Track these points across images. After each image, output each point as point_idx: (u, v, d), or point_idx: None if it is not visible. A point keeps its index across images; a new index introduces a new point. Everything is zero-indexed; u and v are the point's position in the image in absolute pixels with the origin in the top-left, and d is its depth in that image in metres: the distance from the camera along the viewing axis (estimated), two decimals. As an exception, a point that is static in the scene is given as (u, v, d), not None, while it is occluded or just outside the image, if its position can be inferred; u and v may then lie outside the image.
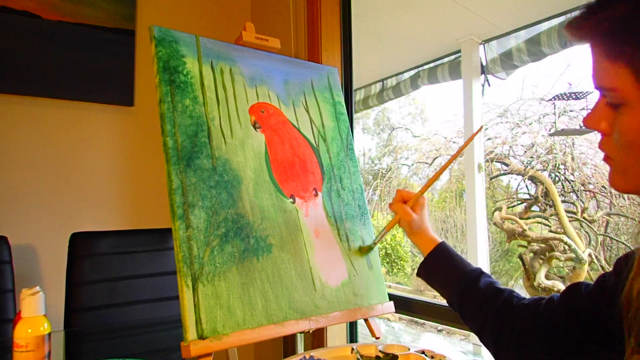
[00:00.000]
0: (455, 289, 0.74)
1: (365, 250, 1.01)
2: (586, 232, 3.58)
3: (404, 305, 1.10)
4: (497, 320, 0.67)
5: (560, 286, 3.60)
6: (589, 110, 0.47)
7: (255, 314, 0.79)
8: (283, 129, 0.99)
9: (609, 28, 0.42)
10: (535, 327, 0.63)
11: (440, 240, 0.81)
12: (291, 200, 0.94)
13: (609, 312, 0.50)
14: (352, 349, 0.83)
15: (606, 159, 0.48)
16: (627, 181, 0.46)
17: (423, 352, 0.81)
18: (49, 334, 0.71)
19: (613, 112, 0.44)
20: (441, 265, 0.78)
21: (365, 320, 0.96)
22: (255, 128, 0.95)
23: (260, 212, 0.88)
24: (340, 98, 1.14)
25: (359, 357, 0.81)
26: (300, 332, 0.87)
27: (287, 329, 0.82)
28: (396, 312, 1.04)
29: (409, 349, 0.82)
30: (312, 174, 1.00)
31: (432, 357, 0.79)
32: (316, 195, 0.99)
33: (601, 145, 0.47)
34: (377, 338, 0.94)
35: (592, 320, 0.56)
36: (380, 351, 0.83)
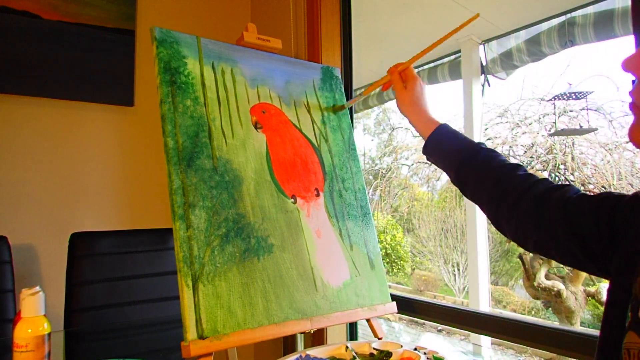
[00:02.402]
0: (455, 167, 0.74)
1: (338, 108, 1.09)
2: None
3: (405, 306, 1.10)
4: (493, 196, 0.67)
5: (560, 286, 3.61)
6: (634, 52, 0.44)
7: (256, 314, 0.79)
8: (284, 129, 0.99)
9: None
10: (534, 212, 0.61)
11: (442, 123, 0.80)
12: (292, 200, 0.94)
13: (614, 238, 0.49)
14: (347, 347, 0.83)
15: (632, 106, 0.45)
16: (636, 136, 0.44)
17: (415, 349, 0.81)
18: (49, 334, 0.71)
19: None
20: (443, 146, 0.77)
21: (368, 320, 0.96)
22: (256, 128, 0.95)
23: (261, 212, 0.88)
24: (343, 98, 1.14)
25: (354, 354, 0.81)
26: (301, 333, 0.87)
27: (288, 329, 0.82)
28: (398, 312, 1.04)
29: (402, 346, 0.82)
30: (313, 174, 1.00)
31: (425, 354, 0.80)
32: (318, 195, 0.99)
33: (632, 92, 0.45)
34: (379, 338, 0.94)
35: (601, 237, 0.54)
36: (374, 348, 0.83)
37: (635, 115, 0.45)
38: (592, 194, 0.58)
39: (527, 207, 0.63)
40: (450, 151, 0.76)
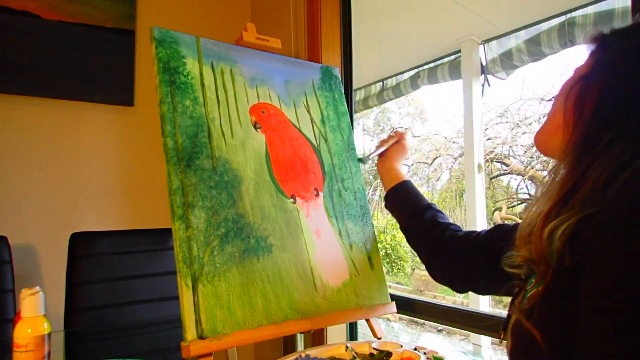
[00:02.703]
0: (404, 219, 0.90)
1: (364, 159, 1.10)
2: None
3: (405, 306, 1.10)
4: (429, 245, 0.82)
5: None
6: None
7: (256, 314, 0.79)
8: (284, 129, 0.99)
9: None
10: (459, 252, 0.76)
11: (405, 179, 0.94)
12: (292, 200, 0.94)
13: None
14: (347, 346, 0.83)
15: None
16: (540, 138, 0.57)
17: (415, 349, 0.81)
18: (49, 334, 0.71)
19: None
20: (399, 199, 0.93)
21: (367, 320, 0.96)
22: (255, 128, 0.95)
23: (260, 212, 0.88)
24: (342, 97, 1.14)
25: (354, 354, 0.81)
26: (301, 333, 0.87)
27: (287, 329, 0.82)
28: (397, 312, 1.04)
29: (402, 346, 0.82)
30: (313, 174, 1.00)
31: (425, 354, 0.80)
32: (317, 195, 0.99)
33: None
34: (378, 338, 0.94)
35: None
36: (374, 348, 0.83)
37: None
38: (503, 223, 0.72)
39: (451, 250, 0.77)
40: (404, 204, 0.90)
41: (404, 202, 0.91)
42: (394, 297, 1.03)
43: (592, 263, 0.37)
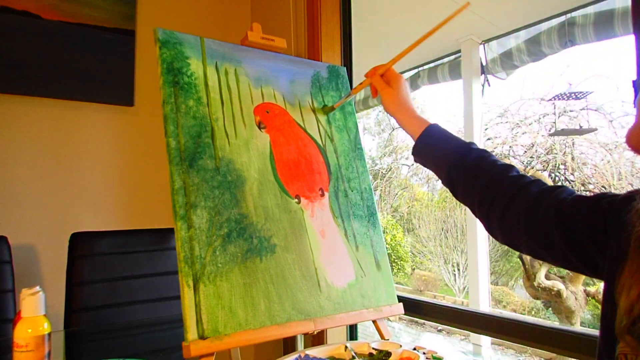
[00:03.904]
0: (446, 166, 0.72)
1: (327, 110, 1.07)
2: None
3: (411, 307, 1.10)
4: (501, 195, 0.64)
5: (560, 286, 3.61)
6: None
7: (258, 314, 0.79)
8: (288, 129, 0.99)
9: None
10: (538, 213, 0.59)
11: (432, 123, 0.78)
12: (296, 200, 0.94)
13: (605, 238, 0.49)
14: (346, 346, 0.83)
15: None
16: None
17: (415, 349, 0.81)
18: (49, 334, 0.71)
19: None
20: (434, 146, 0.76)
21: (374, 322, 0.95)
22: (260, 128, 0.94)
23: (264, 212, 0.88)
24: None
25: (353, 354, 0.81)
26: (305, 334, 0.87)
27: (290, 330, 0.81)
28: (405, 314, 1.03)
29: (401, 346, 0.82)
30: (318, 174, 0.99)
31: (424, 353, 0.80)
32: (322, 195, 0.98)
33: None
34: (387, 340, 0.94)
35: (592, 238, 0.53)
36: (373, 348, 0.83)
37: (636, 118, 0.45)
38: (586, 195, 0.57)
39: (519, 212, 0.61)
40: (441, 152, 0.74)
41: (439, 149, 0.74)
42: (401, 299, 1.02)
43: None
